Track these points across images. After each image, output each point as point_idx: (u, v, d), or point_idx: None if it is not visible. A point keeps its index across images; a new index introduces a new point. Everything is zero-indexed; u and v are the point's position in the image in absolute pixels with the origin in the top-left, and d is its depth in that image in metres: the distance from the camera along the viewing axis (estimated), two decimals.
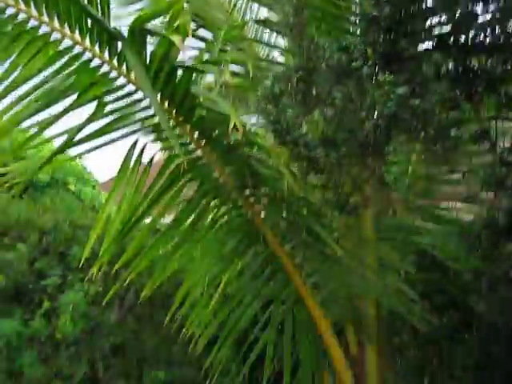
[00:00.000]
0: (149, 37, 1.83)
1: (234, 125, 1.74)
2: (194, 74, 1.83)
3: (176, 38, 1.44)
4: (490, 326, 1.85)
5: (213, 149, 2.04)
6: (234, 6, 2.83)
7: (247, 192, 2.13)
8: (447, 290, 2.35)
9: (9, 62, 1.89)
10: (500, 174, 1.35)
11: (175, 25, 1.54)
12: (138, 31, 1.74)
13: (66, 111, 1.99)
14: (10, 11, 1.84)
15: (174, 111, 1.97)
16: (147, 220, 2.30)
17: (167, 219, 2.38)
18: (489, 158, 1.48)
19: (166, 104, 1.95)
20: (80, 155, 2.17)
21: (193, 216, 2.24)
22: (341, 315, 2.53)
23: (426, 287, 2.40)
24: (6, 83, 1.89)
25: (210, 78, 1.96)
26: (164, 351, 2.99)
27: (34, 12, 1.84)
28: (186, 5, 2.07)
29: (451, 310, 2.18)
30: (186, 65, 1.81)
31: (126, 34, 1.78)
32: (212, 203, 2.21)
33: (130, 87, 1.97)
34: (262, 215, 2.18)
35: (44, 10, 1.84)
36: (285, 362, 2.58)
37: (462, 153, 1.77)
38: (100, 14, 1.77)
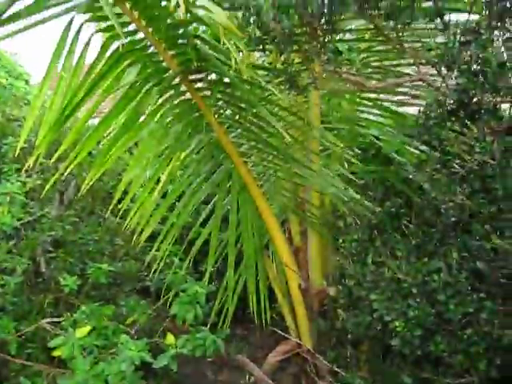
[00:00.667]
0: None
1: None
2: None
3: None
4: (430, 212, 1.89)
5: (155, 29, 1.92)
6: None
7: (192, 76, 2.04)
8: (389, 180, 2.38)
9: None
10: (452, 53, 1.32)
11: None
12: None
13: None
14: None
15: None
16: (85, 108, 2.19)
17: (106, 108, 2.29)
18: (442, 37, 1.45)
19: None
20: (5, 37, 1.98)
21: (134, 102, 2.14)
22: (285, 205, 2.55)
23: (369, 179, 2.42)
24: None
25: None
26: (107, 245, 2.96)
27: None
28: None
29: (392, 199, 2.21)
30: None
31: None
32: (155, 89, 2.11)
33: None
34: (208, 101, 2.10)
35: None
36: (229, 253, 2.60)
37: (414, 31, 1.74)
38: None
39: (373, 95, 2.60)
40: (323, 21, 1.17)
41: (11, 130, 2.90)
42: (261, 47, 1.35)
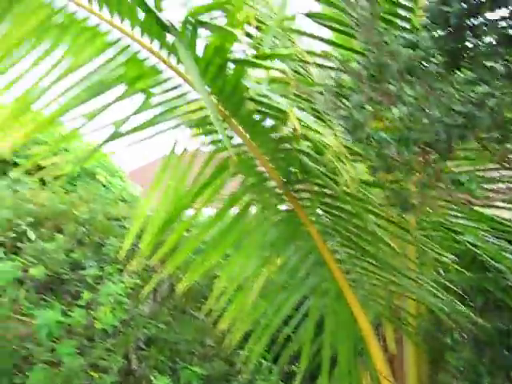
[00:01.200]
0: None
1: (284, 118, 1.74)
2: (244, 68, 1.81)
3: (237, 32, 1.42)
4: None
5: (259, 143, 2.01)
6: None
7: (294, 187, 2.11)
8: (489, 290, 2.32)
9: (58, 52, 1.90)
10: None
11: (234, 18, 1.51)
12: (192, 23, 1.72)
13: (113, 102, 1.99)
14: (59, 2, 1.84)
15: (222, 104, 1.95)
16: (187, 213, 2.30)
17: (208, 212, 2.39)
18: None
19: (215, 97, 1.94)
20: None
21: (235, 209, 2.24)
22: (380, 312, 2.51)
23: (466, 287, 2.37)
24: (54, 74, 1.90)
25: (259, 72, 1.93)
26: (198, 345, 2.99)
27: (83, 2, 1.83)
28: None
29: (494, 311, 2.14)
30: (238, 58, 1.78)
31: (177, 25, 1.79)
32: (256, 198, 2.19)
33: (178, 80, 1.96)
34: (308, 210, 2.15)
35: (95, 1, 1.83)
36: (324, 360, 2.56)
37: None
38: (153, 5, 1.76)
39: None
40: (439, 149, 1.20)
41: (112, 229, 3.05)
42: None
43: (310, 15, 2.20)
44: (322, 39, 2.31)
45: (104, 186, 4.12)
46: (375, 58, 1.25)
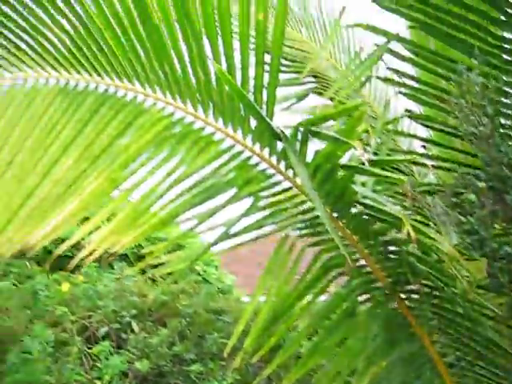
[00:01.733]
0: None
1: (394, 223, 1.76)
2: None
3: (357, 143, 1.47)
4: None
5: (367, 245, 2.02)
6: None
7: (402, 288, 2.08)
8: None
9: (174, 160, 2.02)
10: None
11: (352, 130, 1.57)
12: (303, 131, 1.80)
13: (222, 206, 2.08)
14: (177, 114, 1.97)
15: (329, 207, 1.99)
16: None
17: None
18: None
19: (322, 200, 1.98)
20: (231, 249, 2.24)
21: (339, 309, 2.23)
22: None
23: None
24: (170, 180, 2.01)
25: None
26: None
27: (200, 114, 1.96)
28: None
29: None
30: (348, 164, 1.83)
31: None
32: (364, 301, 2.18)
33: (286, 183, 2.03)
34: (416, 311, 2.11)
35: (209, 112, 1.95)
36: None
37: None
38: (265, 114, 1.85)
39: None
40: None
41: (213, 323, 3.10)
42: None
43: (411, 116, 2.25)
44: (422, 139, 2.35)
45: (200, 274, 4.22)
46: (495, 172, 1.25)
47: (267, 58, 1.82)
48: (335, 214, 2.00)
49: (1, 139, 1.86)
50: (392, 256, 2.03)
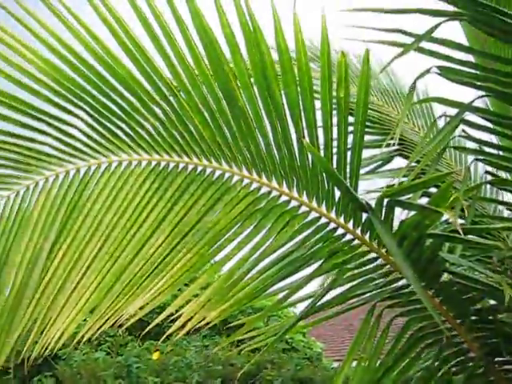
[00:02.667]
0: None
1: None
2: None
3: (447, 212, 1.48)
4: None
5: (458, 314, 1.99)
6: None
7: (496, 359, 2.02)
8: None
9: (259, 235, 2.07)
10: None
11: (442, 200, 1.58)
12: (388, 202, 1.82)
13: (308, 279, 2.09)
14: (264, 190, 2.04)
15: (417, 276, 1.98)
16: None
17: None
18: None
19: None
20: (315, 323, 2.25)
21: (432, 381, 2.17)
22: None
23: None
24: (257, 254, 2.05)
25: None
26: None
27: (285, 189, 2.02)
28: None
29: None
30: (436, 233, 1.83)
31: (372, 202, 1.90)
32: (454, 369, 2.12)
33: (372, 254, 2.04)
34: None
35: (293, 187, 2.01)
36: None
37: None
38: (350, 186, 1.89)
39: None
40: None
41: None
42: None
43: (493, 182, 2.25)
44: (506, 203, 2.33)
45: (288, 343, 4.17)
46: None
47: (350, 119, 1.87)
48: (423, 284, 1.98)
49: (97, 219, 1.95)
50: (485, 325, 1.98)
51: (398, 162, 3.04)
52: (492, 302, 2.02)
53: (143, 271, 1.97)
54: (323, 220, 2.03)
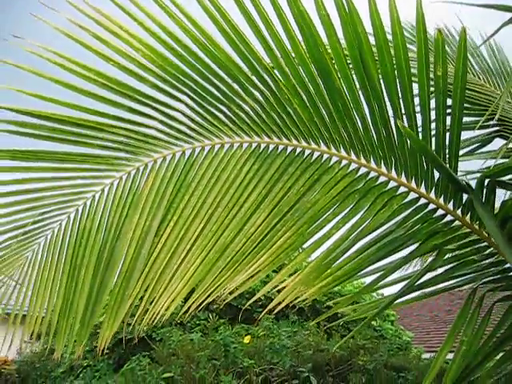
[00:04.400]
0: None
1: None
2: None
3: None
4: None
5: None
6: None
7: None
8: None
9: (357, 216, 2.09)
10: None
11: None
12: (490, 182, 1.79)
13: (406, 261, 2.09)
14: (362, 171, 2.06)
15: None
16: None
17: None
18: None
19: None
20: (405, 303, 2.24)
21: None
22: None
23: None
24: (354, 234, 2.07)
25: None
26: None
27: (383, 169, 2.02)
28: None
29: None
30: None
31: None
32: None
33: (473, 236, 2.01)
34: None
35: (392, 167, 2.01)
36: None
37: None
38: (451, 168, 1.87)
39: None
40: None
41: (395, 381, 3.05)
42: None
43: None
44: None
45: (376, 330, 4.17)
46: None
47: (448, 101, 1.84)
48: None
49: (201, 198, 2.06)
50: None
51: (498, 144, 2.94)
52: None
53: (244, 249, 2.06)
54: (422, 201, 2.01)
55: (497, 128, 3.15)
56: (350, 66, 1.86)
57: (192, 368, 3.76)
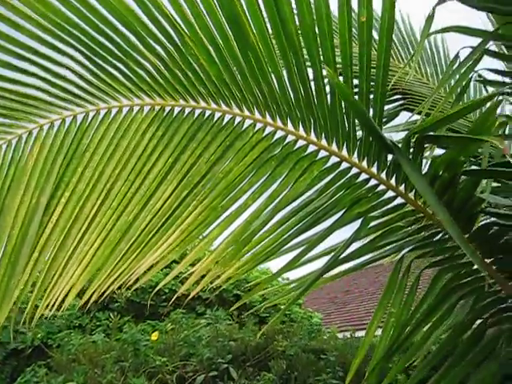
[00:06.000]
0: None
1: None
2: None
3: (498, 140, 1.28)
4: None
5: (500, 262, 1.82)
6: None
7: None
8: None
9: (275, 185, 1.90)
10: None
11: (483, 126, 1.39)
12: (418, 139, 1.65)
13: (330, 231, 1.93)
14: (279, 134, 1.86)
15: None
16: None
17: None
18: None
19: None
20: (339, 276, 2.08)
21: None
22: None
23: None
24: (273, 205, 1.88)
25: None
26: None
27: (301, 132, 1.84)
28: None
29: None
30: (473, 170, 1.66)
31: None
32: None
33: (399, 200, 1.87)
34: None
35: (311, 130, 1.83)
36: None
37: None
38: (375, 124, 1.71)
39: None
40: None
41: (316, 363, 2.90)
42: None
43: None
44: None
45: (285, 315, 4.03)
46: None
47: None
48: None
49: (97, 170, 1.79)
50: None
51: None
52: None
53: (150, 227, 1.81)
54: (344, 165, 1.85)
55: (402, 102, 3.08)
56: (265, 15, 1.66)
57: (97, 373, 3.45)
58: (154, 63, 1.75)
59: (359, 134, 1.79)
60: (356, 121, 1.76)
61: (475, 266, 1.88)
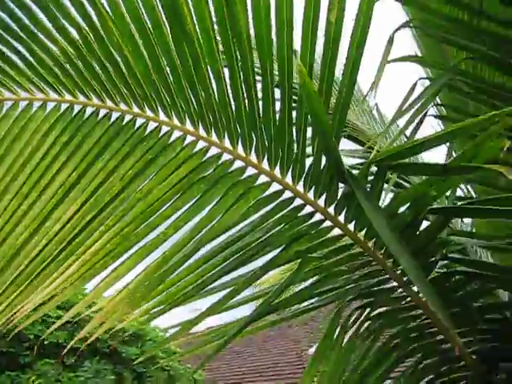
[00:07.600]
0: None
1: None
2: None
3: (506, 170, 1.03)
4: None
5: (455, 314, 1.59)
6: None
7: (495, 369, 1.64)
8: None
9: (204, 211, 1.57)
10: None
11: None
12: (381, 167, 1.40)
13: (262, 272, 1.62)
14: (212, 151, 1.55)
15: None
16: None
17: None
18: None
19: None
20: (270, 325, 1.77)
21: None
22: None
23: None
24: (194, 240, 1.55)
25: None
26: None
27: (240, 152, 1.54)
28: None
29: None
30: (441, 207, 1.43)
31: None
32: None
33: (347, 240, 1.61)
34: None
35: (252, 152, 1.53)
36: None
37: None
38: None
39: None
40: None
41: None
42: None
43: None
44: None
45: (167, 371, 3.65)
46: None
47: None
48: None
49: None
50: (487, 327, 1.59)
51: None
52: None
53: (45, 255, 1.43)
54: (287, 194, 1.57)
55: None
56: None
57: None
58: (64, 49, 1.39)
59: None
60: (306, 143, 1.49)
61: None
